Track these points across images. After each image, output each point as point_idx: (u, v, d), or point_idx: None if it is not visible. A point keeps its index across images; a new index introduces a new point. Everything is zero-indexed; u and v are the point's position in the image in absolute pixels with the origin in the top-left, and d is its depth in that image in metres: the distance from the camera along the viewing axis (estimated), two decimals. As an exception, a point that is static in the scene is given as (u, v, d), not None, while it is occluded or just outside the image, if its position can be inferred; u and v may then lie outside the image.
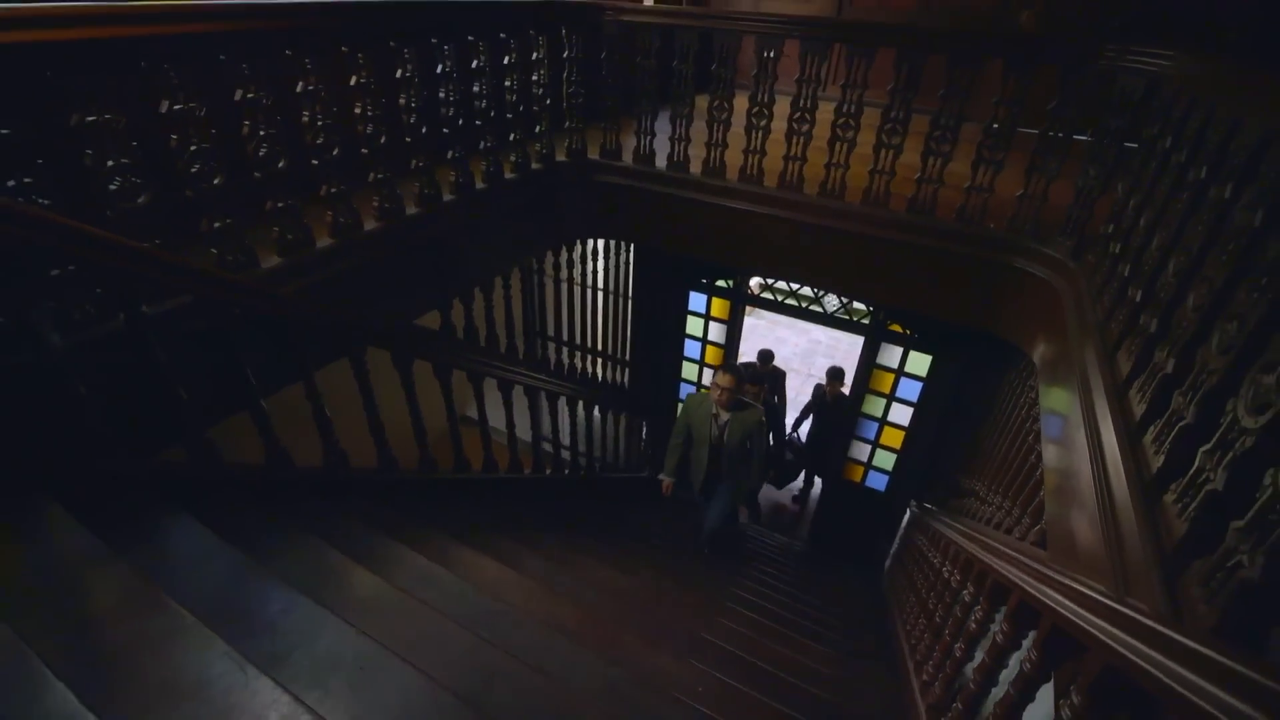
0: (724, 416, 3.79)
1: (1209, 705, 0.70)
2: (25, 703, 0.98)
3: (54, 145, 1.64)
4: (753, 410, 3.82)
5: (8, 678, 1.01)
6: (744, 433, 3.78)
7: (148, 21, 1.70)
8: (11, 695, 0.99)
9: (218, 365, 2.03)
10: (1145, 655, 0.87)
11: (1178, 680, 0.77)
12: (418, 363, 2.72)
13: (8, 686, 1.00)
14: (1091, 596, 1.10)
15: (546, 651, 1.79)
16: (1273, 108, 1.33)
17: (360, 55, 2.31)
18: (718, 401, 3.72)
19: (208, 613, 1.34)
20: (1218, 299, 1.35)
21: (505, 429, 3.61)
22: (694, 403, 3.98)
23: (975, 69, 2.70)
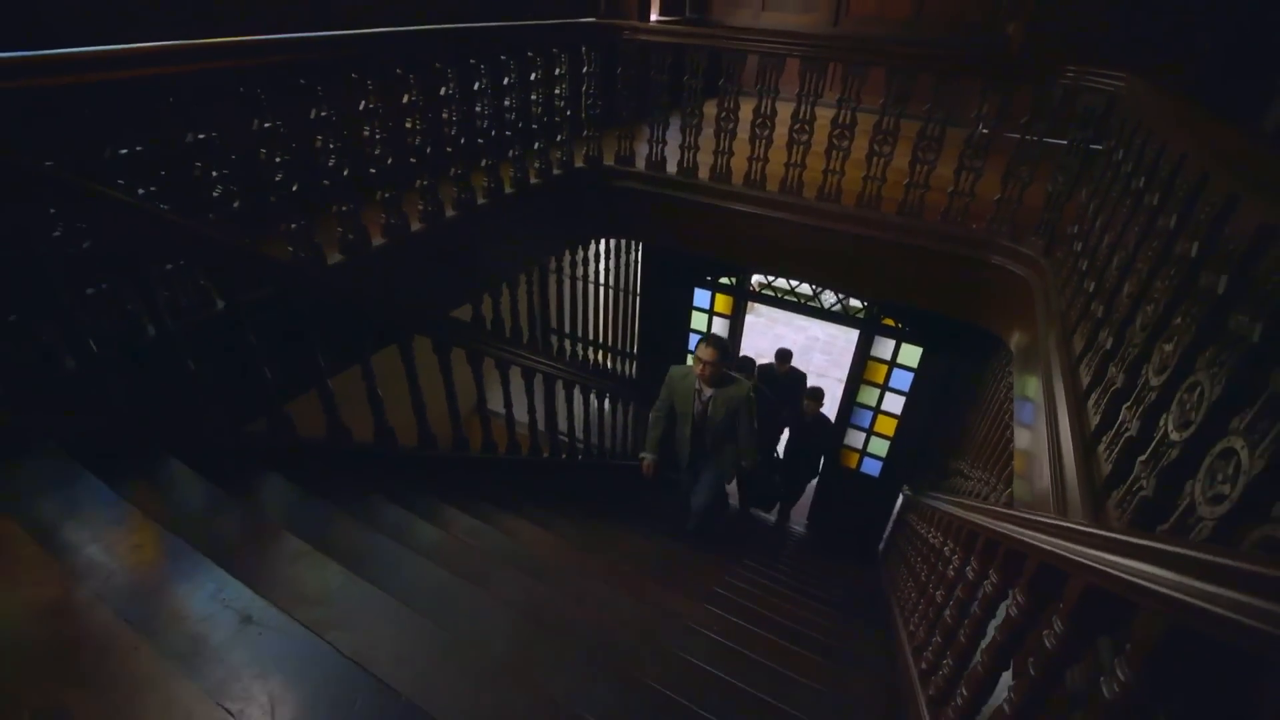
0: (707, 392, 3.55)
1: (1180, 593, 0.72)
2: (210, 594, 1.27)
3: (173, 160, 1.93)
4: (738, 385, 3.55)
5: (196, 573, 1.31)
6: (729, 410, 3.52)
7: (246, 54, 2.00)
8: (201, 587, 1.28)
9: (293, 348, 2.32)
10: (1124, 567, 0.85)
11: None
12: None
13: (197, 579, 1.30)
14: (1072, 528, 1.32)
15: (582, 590, 2.09)
16: (1192, 135, 1.63)
17: (411, 76, 2.61)
18: (700, 376, 3.46)
19: (316, 545, 1.64)
20: (1144, 287, 1.66)
21: (525, 416, 3.91)
22: (677, 375, 3.69)
23: (958, 85, 3.02)
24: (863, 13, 6.44)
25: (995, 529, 1.64)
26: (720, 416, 3.55)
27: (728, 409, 3.53)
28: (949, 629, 2.02)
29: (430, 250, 2.95)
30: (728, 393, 3.52)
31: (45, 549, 1.36)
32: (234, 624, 1.21)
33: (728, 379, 3.55)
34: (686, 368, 3.66)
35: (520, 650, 1.52)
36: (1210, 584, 0.62)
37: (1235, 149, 1.37)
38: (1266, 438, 0.95)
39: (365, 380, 2.63)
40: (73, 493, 1.52)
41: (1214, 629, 0.62)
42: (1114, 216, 2.15)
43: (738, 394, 3.52)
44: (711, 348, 3.41)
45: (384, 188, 2.63)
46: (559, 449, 4.45)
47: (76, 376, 1.77)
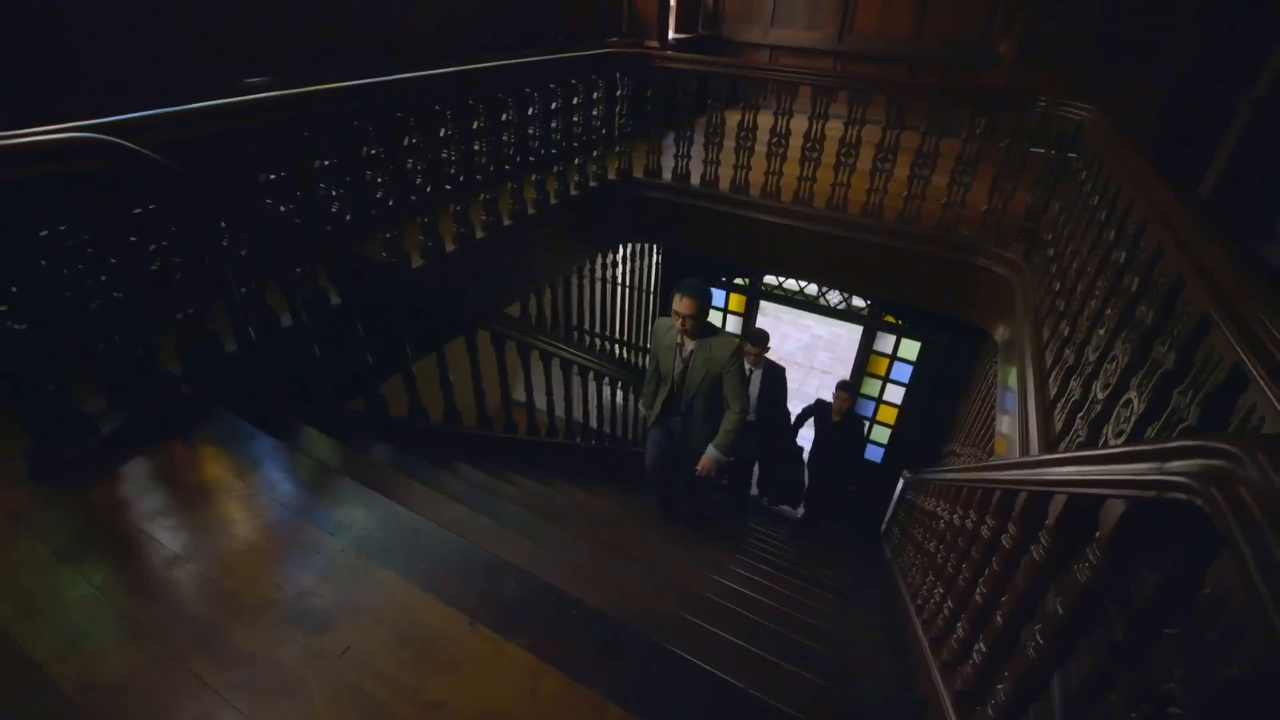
0: (689, 346, 3.06)
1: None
2: (383, 513, 1.71)
3: (303, 182, 2.37)
4: (723, 339, 3.04)
5: (363, 497, 1.75)
6: (712, 368, 3.01)
7: (360, 95, 2.44)
8: (375, 508, 1.72)
9: (385, 338, 2.76)
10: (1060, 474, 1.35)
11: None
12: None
13: (372, 503, 1.74)
14: (1027, 460, 1.79)
15: (635, 535, 2.53)
16: (1138, 187, 2.00)
17: (480, 106, 3.04)
18: (679, 330, 3.01)
19: (433, 489, 2.08)
20: (1090, 285, 2.09)
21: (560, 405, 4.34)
22: (661, 329, 3.23)
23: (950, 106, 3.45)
24: (865, 30, 6.87)
25: (978, 478, 2.07)
26: (701, 376, 3.04)
27: (709, 368, 3.01)
28: (947, 574, 2.45)
29: (490, 255, 3.39)
30: (711, 348, 3.00)
31: (247, 481, 1.80)
32: (410, 533, 1.65)
33: (711, 330, 3.07)
34: (671, 321, 3.09)
35: (600, 566, 1.96)
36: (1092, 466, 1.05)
37: (1169, 203, 1.70)
38: (1147, 388, 1.39)
39: (439, 367, 3.06)
40: (253, 443, 1.96)
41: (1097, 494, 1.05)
42: (1076, 230, 2.58)
43: (722, 350, 2.99)
44: (689, 298, 2.86)
45: (456, 202, 3.07)
46: (589, 435, 4.89)
47: (235, 358, 2.21)
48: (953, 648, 1.73)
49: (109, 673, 1.28)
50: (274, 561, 1.56)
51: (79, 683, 1.26)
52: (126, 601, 1.44)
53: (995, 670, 1.38)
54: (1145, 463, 0.87)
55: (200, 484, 1.81)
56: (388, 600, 1.47)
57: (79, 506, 1.69)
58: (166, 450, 1.89)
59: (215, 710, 1.22)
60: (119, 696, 1.24)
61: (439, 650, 1.37)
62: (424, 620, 1.43)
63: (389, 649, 1.36)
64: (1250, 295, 1.08)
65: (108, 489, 1.75)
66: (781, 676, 1.59)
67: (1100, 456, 1.04)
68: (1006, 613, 1.38)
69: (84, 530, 1.62)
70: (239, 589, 1.48)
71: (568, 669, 1.33)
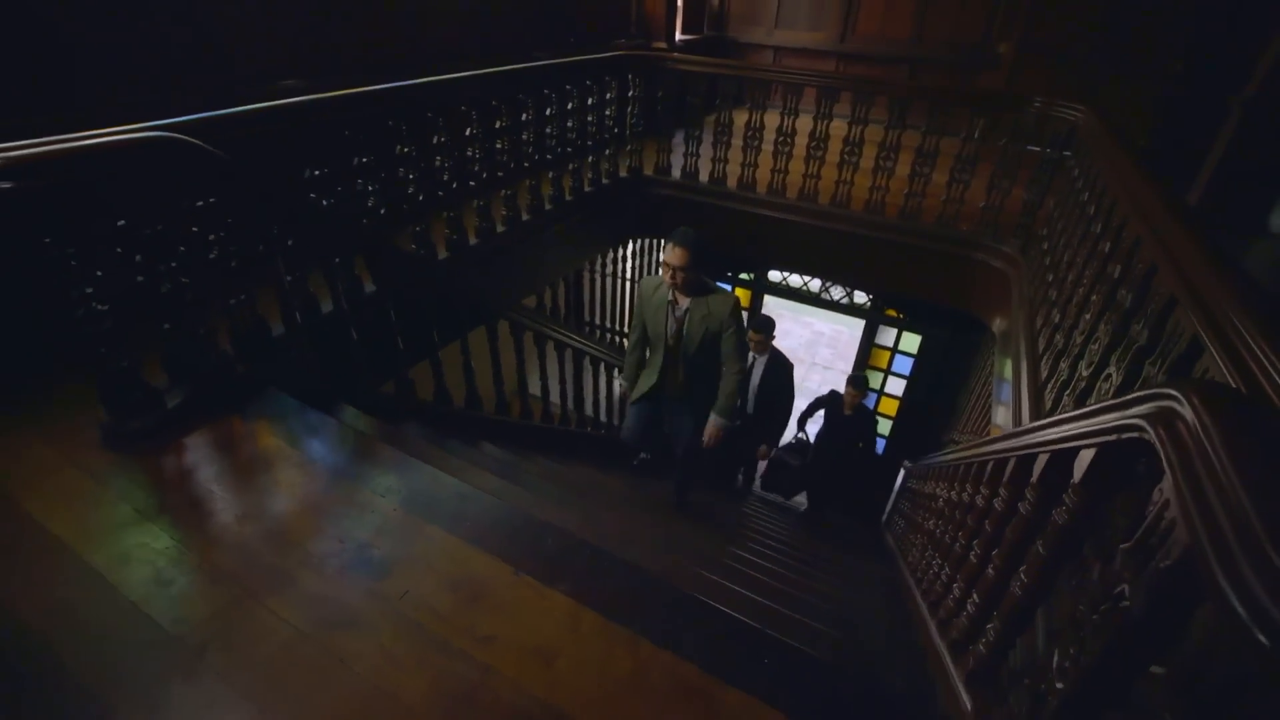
0: (683, 305, 2.80)
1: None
2: (428, 477, 1.87)
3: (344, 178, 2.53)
4: (723, 295, 2.79)
5: (408, 464, 1.91)
6: (711, 325, 2.77)
7: (392, 97, 2.59)
8: (421, 473, 1.88)
9: (412, 326, 2.92)
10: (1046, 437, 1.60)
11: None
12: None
13: (423, 470, 1.90)
14: (1021, 429, 1.96)
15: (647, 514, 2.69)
16: (1123, 186, 2.16)
17: (502, 106, 3.20)
18: (670, 285, 2.76)
19: (468, 461, 2.24)
20: (1079, 275, 2.25)
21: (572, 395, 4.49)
22: (649, 287, 2.93)
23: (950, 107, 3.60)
24: (868, 31, 7.02)
25: (972, 455, 2.23)
26: (700, 336, 2.79)
27: (708, 325, 2.77)
28: (944, 544, 2.61)
29: (509, 249, 3.55)
30: (709, 302, 2.76)
31: (301, 450, 1.96)
32: (454, 495, 1.81)
33: (706, 286, 2.79)
34: (659, 278, 2.87)
35: (625, 532, 2.12)
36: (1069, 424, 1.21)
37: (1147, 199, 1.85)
38: (1124, 363, 1.55)
39: (463, 354, 3.22)
40: (303, 417, 2.12)
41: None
42: (1069, 224, 2.73)
43: (721, 306, 2.75)
44: (680, 247, 2.61)
45: (478, 198, 3.22)
46: (601, 426, 5.05)
47: (282, 340, 2.37)
48: (949, 607, 1.89)
49: (197, 610, 1.45)
50: (333, 519, 1.72)
51: (172, 616, 1.43)
52: (204, 552, 1.60)
53: (987, 618, 1.54)
54: (1112, 414, 1.03)
55: (259, 452, 1.97)
56: (439, 552, 1.64)
57: (152, 471, 1.85)
58: (225, 423, 2.06)
59: (295, 641, 1.39)
60: (209, 628, 1.40)
61: (488, 595, 1.53)
62: (472, 570, 1.59)
63: (443, 593, 1.52)
64: (1208, 278, 1.24)
65: (175, 456, 1.91)
66: (791, 622, 1.75)
67: (1076, 415, 1.20)
68: (998, 566, 1.54)
69: (159, 491, 1.79)
70: (304, 542, 1.64)
71: (604, 611, 1.49)
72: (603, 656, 1.40)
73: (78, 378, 2.13)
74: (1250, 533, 0.63)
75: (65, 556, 1.57)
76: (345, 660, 1.36)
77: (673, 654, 1.40)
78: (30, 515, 1.68)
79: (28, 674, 1.30)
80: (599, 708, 1.29)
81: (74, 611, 1.43)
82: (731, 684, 1.35)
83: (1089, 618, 0.94)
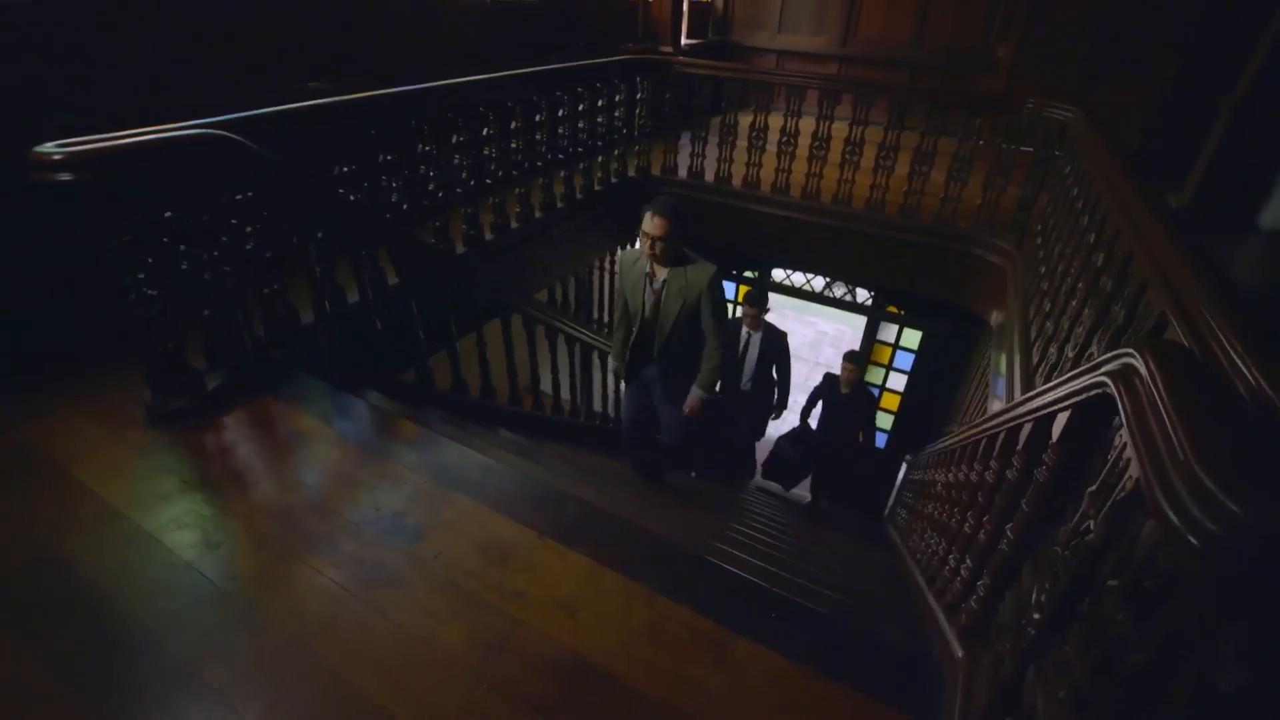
0: (660, 276, 2.68)
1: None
2: (458, 453, 1.99)
3: (369, 175, 2.66)
4: (702, 266, 2.64)
5: (435, 441, 2.03)
6: (689, 297, 2.64)
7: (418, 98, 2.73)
8: (450, 449, 2.00)
9: (431, 317, 3.04)
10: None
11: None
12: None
13: (451, 447, 2.02)
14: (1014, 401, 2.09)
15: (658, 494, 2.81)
16: (1100, 169, 2.30)
17: (517, 107, 3.33)
18: (648, 256, 2.63)
19: (488, 443, 2.36)
20: (1068, 265, 2.37)
21: (580, 388, 4.62)
22: (628, 260, 2.84)
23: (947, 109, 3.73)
24: (869, 35, 7.15)
25: (966, 436, 2.35)
26: (677, 309, 2.66)
27: (685, 298, 2.64)
28: (941, 522, 2.73)
29: (523, 244, 3.68)
30: (686, 275, 2.63)
31: (334, 428, 2.09)
32: (479, 468, 1.94)
33: (685, 257, 2.66)
34: (639, 250, 2.73)
35: (638, 506, 2.24)
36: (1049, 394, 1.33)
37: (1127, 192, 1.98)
38: (1104, 343, 1.67)
39: (479, 346, 3.35)
40: (334, 399, 2.25)
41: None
42: (1060, 219, 2.85)
43: (699, 277, 2.62)
44: (659, 215, 2.50)
45: (494, 194, 3.36)
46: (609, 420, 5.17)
47: (311, 328, 2.50)
48: (945, 575, 2.00)
49: (245, 568, 1.57)
50: (368, 489, 1.85)
51: (222, 574, 1.55)
52: (249, 518, 1.72)
53: (978, 577, 1.66)
54: (1084, 377, 1.15)
55: (294, 430, 2.10)
56: (467, 519, 1.76)
57: (195, 447, 1.98)
58: (261, 403, 2.18)
59: (340, 596, 1.51)
60: (258, 585, 1.53)
61: (514, 556, 1.65)
62: (499, 534, 1.71)
63: (473, 554, 1.65)
64: (1174, 262, 1.36)
65: (216, 433, 2.04)
66: (794, 584, 1.87)
67: (1055, 384, 1.32)
68: (989, 530, 1.65)
69: (203, 465, 1.91)
70: (341, 509, 1.77)
71: (622, 570, 1.61)
72: (622, 610, 1.52)
73: (120, 360, 2.26)
74: (1183, 458, 0.75)
75: (121, 522, 1.69)
76: (386, 613, 1.48)
77: (687, 608, 1.52)
78: (85, 484, 1.80)
79: (94, 624, 1.42)
80: (620, 653, 1.41)
81: (132, 570, 1.56)
82: (741, 633, 1.46)
83: (1062, 555, 1.06)
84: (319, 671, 1.34)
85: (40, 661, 1.34)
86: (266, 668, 1.34)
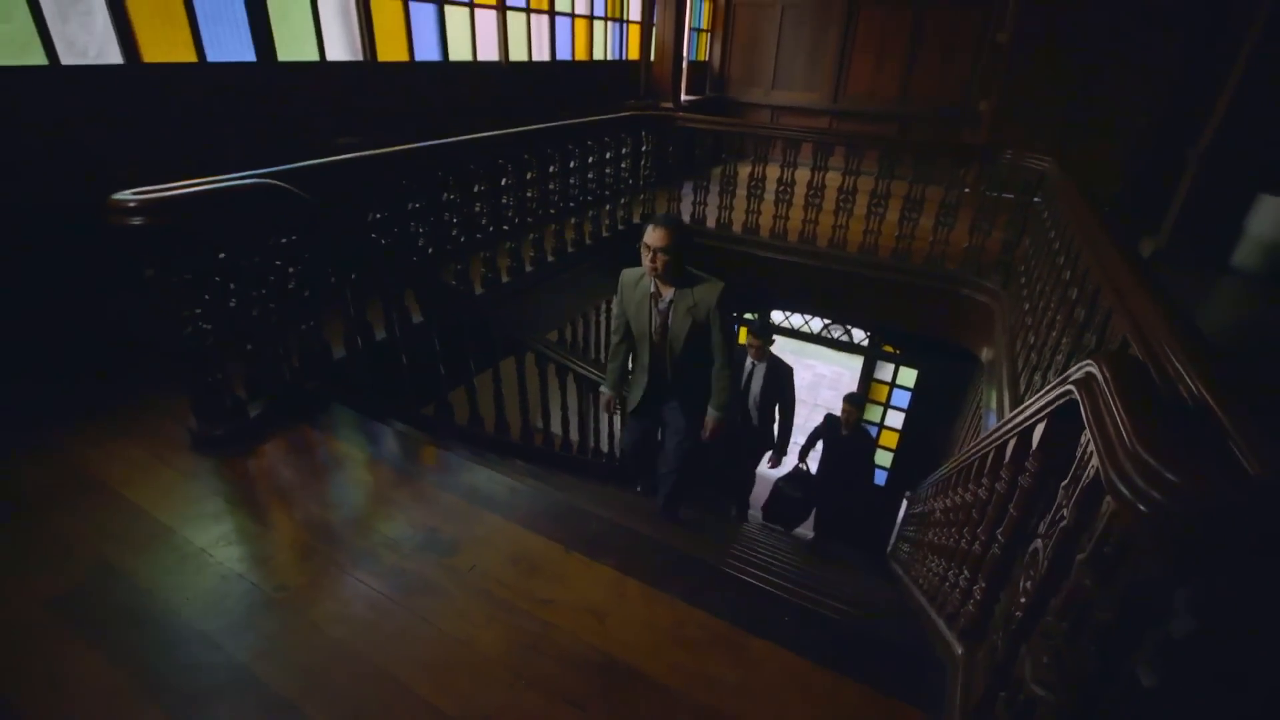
0: (666, 296, 2.61)
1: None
2: (487, 476, 2.12)
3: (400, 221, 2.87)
4: (709, 284, 2.57)
5: (463, 466, 2.17)
6: (697, 317, 2.57)
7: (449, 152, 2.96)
8: (478, 473, 2.13)
9: (451, 354, 3.21)
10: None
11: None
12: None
13: (479, 469, 2.15)
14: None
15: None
16: (1079, 228, 2.50)
17: (533, 160, 3.59)
18: (651, 271, 2.54)
19: (506, 469, 2.49)
20: (1046, 302, 2.56)
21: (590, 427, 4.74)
22: (630, 279, 2.74)
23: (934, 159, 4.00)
24: (858, 91, 7.59)
25: (960, 462, 2.49)
26: (685, 329, 2.60)
27: (693, 317, 2.57)
28: (941, 544, 2.83)
29: (537, 286, 3.88)
30: (693, 294, 2.55)
31: (368, 454, 2.22)
32: (506, 489, 2.07)
33: (691, 275, 2.59)
34: (641, 269, 2.64)
35: (655, 528, 2.36)
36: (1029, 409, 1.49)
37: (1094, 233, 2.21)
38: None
39: (494, 382, 3.50)
40: (367, 427, 2.39)
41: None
42: (1040, 259, 3.07)
43: (707, 295, 2.55)
44: (662, 228, 2.45)
45: (510, 240, 3.57)
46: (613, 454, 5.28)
47: (341, 363, 2.66)
48: (945, 590, 2.11)
49: (293, 579, 1.69)
50: (403, 508, 1.97)
51: (274, 584, 1.67)
52: (294, 534, 1.85)
53: (974, 583, 1.78)
54: (1055, 390, 1.31)
55: (330, 455, 2.24)
56: (498, 534, 1.88)
57: (239, 470, 2.11)
58: (299, 431, 2.33)
59: (383, 604, 1.62)
60: (307, 593, 1.64)
61: (544, 567, 1.77)
62: (528, 548, 1.84)
63: (505, 566, 1.77)
64: (1132, 293, 1.54)
65: (259, 459, 2.18)
66: (804, 595, 1.98)
67: (1032, 401, 1.48)
68: (983, 540, 1.79)
69: (247, 486, 2.05)
70: (380, 526, 1.89)
71: (645, 580, 1.73)
72: (646, 614, 1.63)
73: (160, 390, 2.42)
74: (1130, 444, 0.90)
75: (173, 537, 1.81)
76: (427, 619, 1.59)
77: (706, 612, 1.64)
78: (137, 504, 1.93)
79: (154, 629, 1.53)
80: (646, 652, 1.52)
81: (187, 580, 1.67)
82: (756, 634, 1.58)
83: (1044, 544, 1.20)
84: (369, 670, 1.45)
85: (106, 661, 1.44)
86: (319, 667, 1.45)
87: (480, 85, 4.50)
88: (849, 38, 7.37)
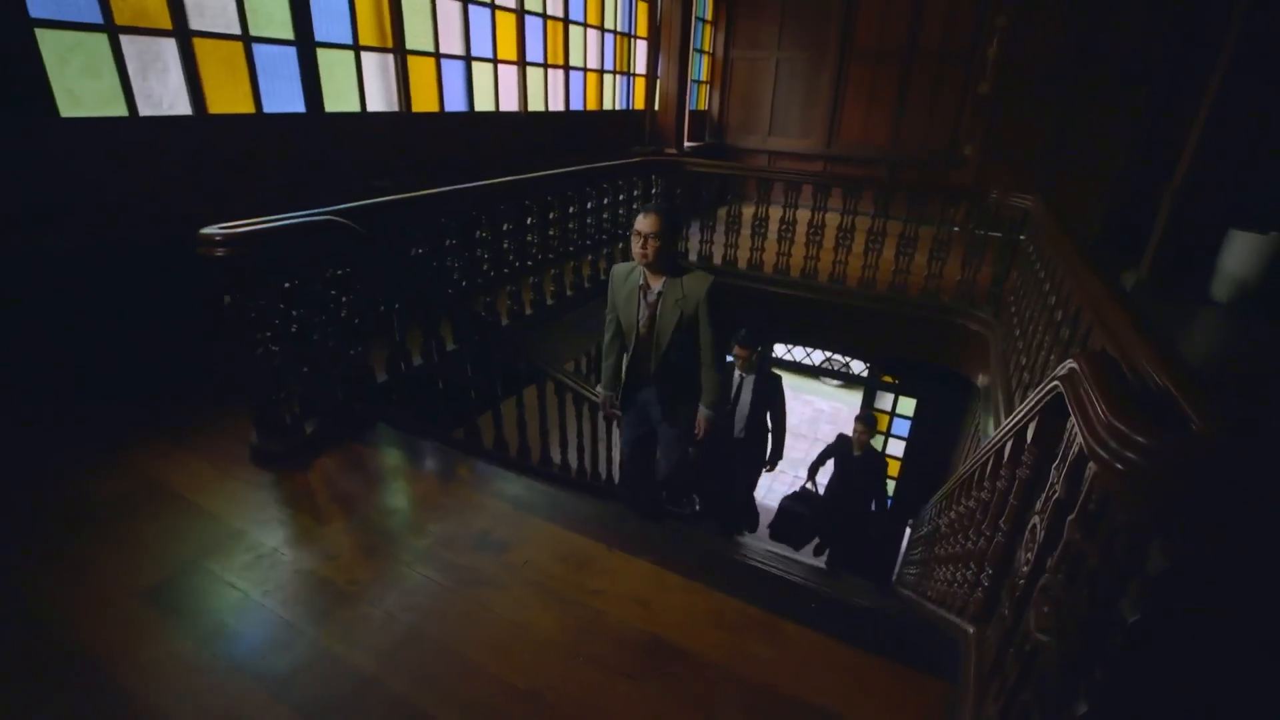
0: (655, 287, 2.56)
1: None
2: (524, 485, 2.30)
3: (439, 258, 3.11)
4: (699, 275, 2.54)
5: (504, 476, 2.34)
6: (686, 310, 2.52)
7: (479, 193, 3.22)
8: (514, 484, 2.31)
9: (479, 380, 3.41)
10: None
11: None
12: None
13: (510, 479, 2.32)
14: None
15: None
16: (1063, 262, 2.78)
17: (555, 200, 3.86)
18: (641, 258, 2.50)
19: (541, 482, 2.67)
20: (1034, 326, 2.79)
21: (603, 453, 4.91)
22: (620, 274, 2.70)
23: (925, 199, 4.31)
24: (850, 137, 8.02)
25: (962, 473, 2.68)
26: (673, 322, 2.53)
27: (682, 310, 2.51)
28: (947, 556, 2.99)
29: (558, 318, 4.11)
30: (682, 286, 2.50)
31: (417, 468, 2.40)
32: (546, 496, 2.25)
33: (680, 266, 2.56)
34: (631, 264, 2.62)
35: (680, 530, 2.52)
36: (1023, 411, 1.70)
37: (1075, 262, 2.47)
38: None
39: (518, 408, 3.69)
40: (413, 444, 2.57)
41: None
42: (1028, 289, 3.32)
43: (696, 287, 2.50)
44: (653, 214, 2.42)
45: (533, 275, 3.82)
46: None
47: (385, 386, 2.86)
48: (954, 591, 2.28)
49: (363, 574, 1.85)
50: (455, 513, 2.14)
51: (345, 579, 1.83)
52: (357, 536, 2.01)
53: (981, 571, 1.95)
54: (1045, 387, 1.52)
55: (381, 468, 2.41)
56: (545, 535, 2.05)
57: (300, 481, 2.28)
58: (350, 447, 2.50)
59: (446, 594, 1.79)
60: (375, 586, 1.80)
61: (590, 563, 1.94)
62: (574, 546, 2.01)
63: (555, 562, 1.93)
64: (1108, 311, 1.77)
65: (315, 471, 2.35)
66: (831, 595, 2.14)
67: (1024, 403, 1.70)
68: (988, 534, 1.97)
69: (308, 495, 2.21)
70: (436, 529, 2.06)
71: (683, 573, 1.90)
72: (687, 602, 1.80)
73: (220, 413, 2.60)
74: (1104, 415, 1.11)
75: (246, 539, 1.98)
76: (488, 606, 1.76)
77: (741, 600, 1.80)
78: (209, 511, 2.10)
79: (239, 617, 1.69)
80: (689, 633, 1.69)
81: (264, 574, 1.83)
82: (787, 618, 1.74)
83: (1040, 521, 1.40)
84: (440, 650, 1.61)
85: (197, 643, 1.60)
86: (394, 648, 1.61)
87: (502, 132, 4.83)
88: (840, 88, 7.83)
